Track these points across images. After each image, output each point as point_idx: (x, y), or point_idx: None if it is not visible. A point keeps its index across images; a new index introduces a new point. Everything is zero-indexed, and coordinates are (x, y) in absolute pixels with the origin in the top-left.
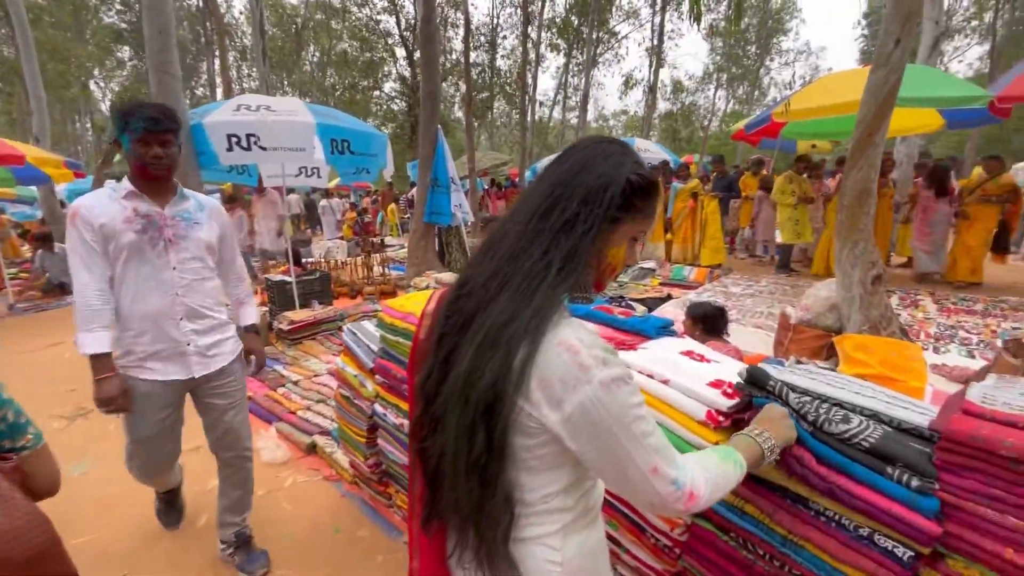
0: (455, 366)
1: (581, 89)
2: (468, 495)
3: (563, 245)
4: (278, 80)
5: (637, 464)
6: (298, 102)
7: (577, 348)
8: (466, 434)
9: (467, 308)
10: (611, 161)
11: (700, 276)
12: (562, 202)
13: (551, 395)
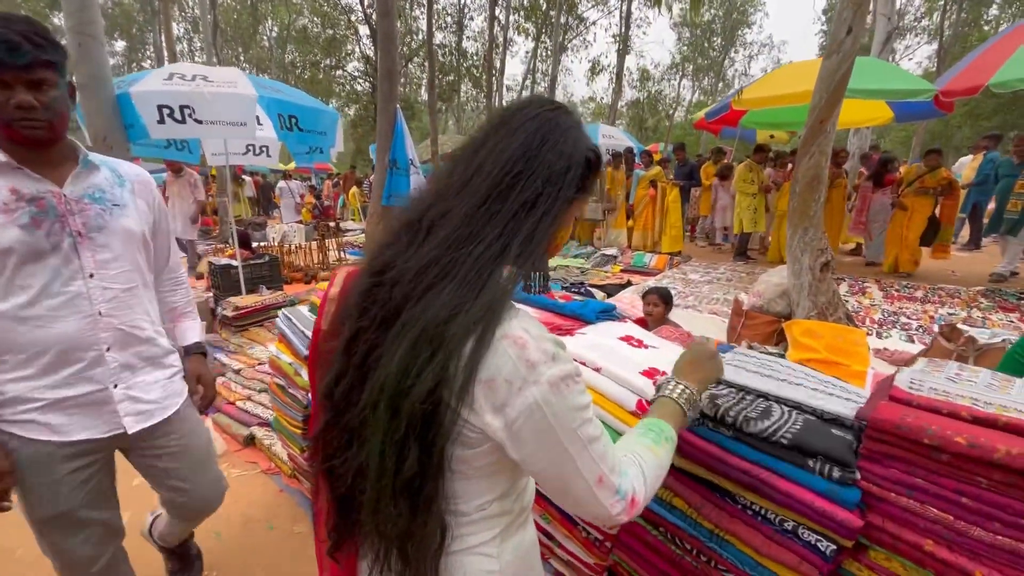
0: (377, 369)
1: (549, 74)
2: (395, 521)
3: (524, 228)
4: (233, 55)
5: (583, 474)
6: (237, 72)
7: (524, 342)
8: (394, 451)
9: (391, 299)
10: (570, 135)
11: (660, 263)
12: (523, 180)
13: (494, 398)
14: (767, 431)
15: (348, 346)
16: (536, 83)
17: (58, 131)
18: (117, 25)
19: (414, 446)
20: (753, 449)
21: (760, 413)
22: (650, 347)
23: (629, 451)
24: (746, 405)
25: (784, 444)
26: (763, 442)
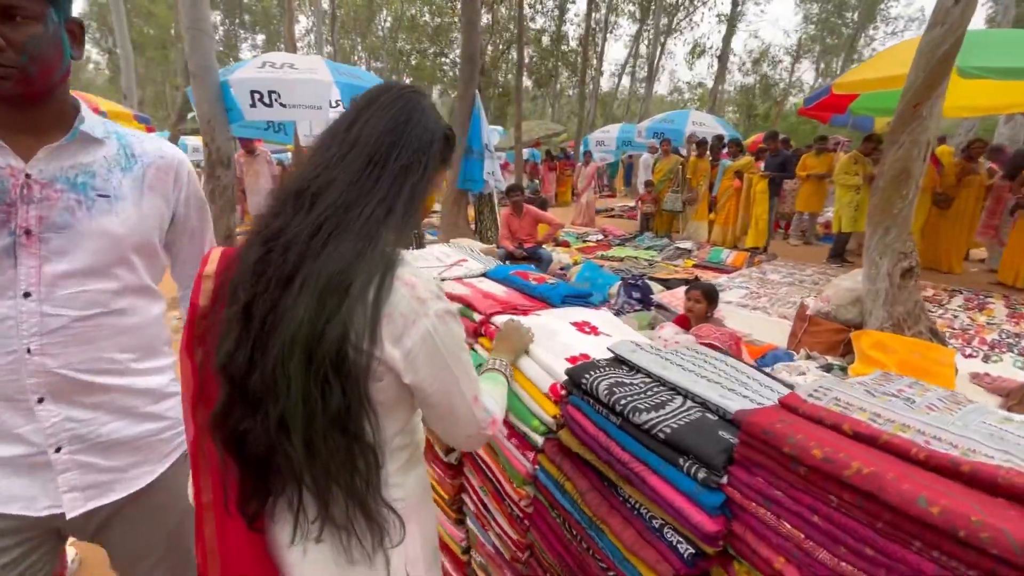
0: (282, 325)
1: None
2: (334, 454)
3: (403, 191)
4: (351, 45)
5: (464, 394)
6: (319, 60)
7: (415, 283)
8: (318, 393)
9: (287, 261)
10: (429, 114)
11: (738, 260)
12: (397, 150)
13: (393, 331)
14: (648, 423)
15: (245, 313)
16: (638, 68)
17: (37, 84)
18: (257, 21)
19: (336, 384)
20: (634, 440)
21: (652, 404)
22: (603, 335)
23: (488, 398)
24: (645, 396)
25: (660, 438)
26: (643, 434)
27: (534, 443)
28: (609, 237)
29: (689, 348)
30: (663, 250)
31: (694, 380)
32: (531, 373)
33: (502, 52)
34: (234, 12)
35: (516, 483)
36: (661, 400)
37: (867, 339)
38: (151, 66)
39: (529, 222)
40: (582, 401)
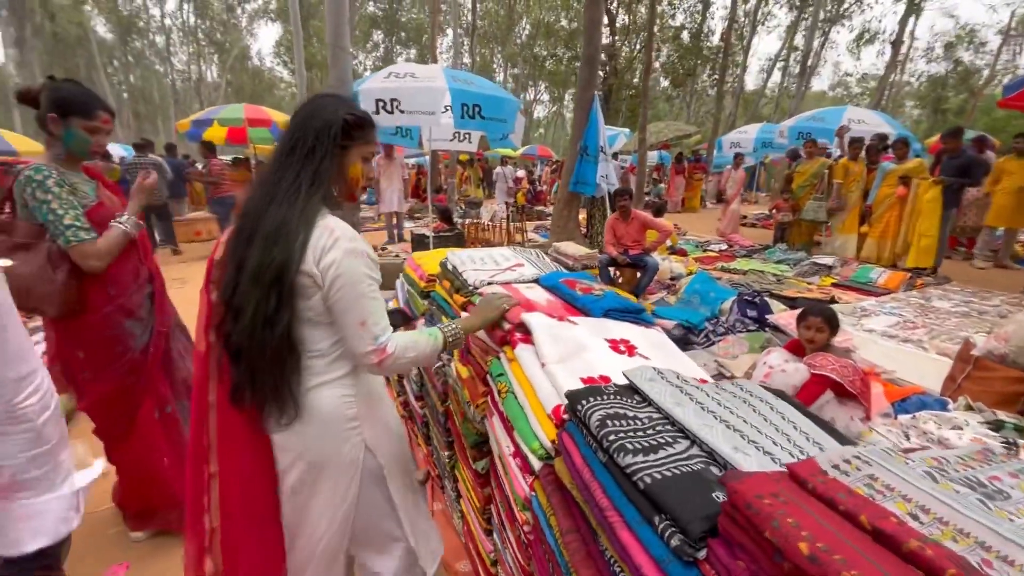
0: (247, 265)
1: (805, 49)
2: (263, 344)
3: (308, 169)
4: (490, 54)
5: (352, 315)
6: (438, 68)
7: (332, 228)
8: (264, 301)
9: (248, 227)
10: (328, 109)
11: (892, 282)
12: (300, 141)
13: (316, 256)
14: (631, 467)
15: (232, 260)
16: (792, 62)
17: None
18: (411, 37)
19: (273, 295)
20: (615, 484)
21: (646, 446)
22: (639, 356)
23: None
24: (643, 435)
25: (640, 488)
26: (626, 479)
27: (532, 467)
28: (735, 248)
29: (736, 385)
30: (797, 265)
31: (709, 424)
32: (541, 391)
33: (636, 53)
34: (392, 30)
35: (518, 505)
36: (660, 442)
37: None
38: (324, 83)
39: (636, 228)
40: (577, 430)
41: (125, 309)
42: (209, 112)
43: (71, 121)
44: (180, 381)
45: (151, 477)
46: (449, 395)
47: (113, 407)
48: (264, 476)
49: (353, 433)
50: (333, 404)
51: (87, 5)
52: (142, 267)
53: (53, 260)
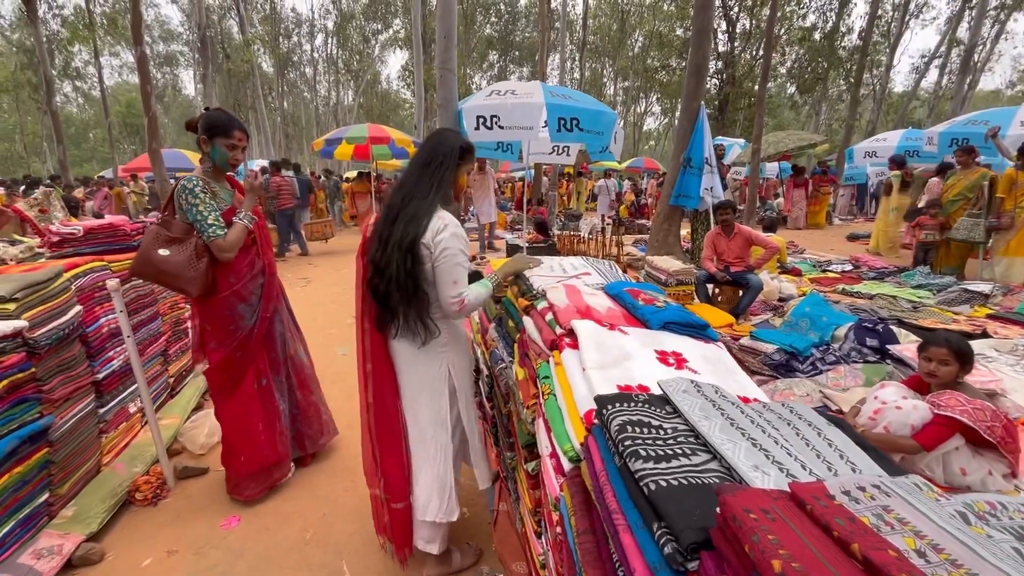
0: (391, 238)
1: (969, 43)
2: (406, 291)
3: (436, 178)
4: (601, 67)
5: (448, 275)
6: (537, 85)
7: (444, 217)
8: (403, 261)
9: (392, 213)
10: (451, 139)
11: None
12: (432, 159)
13: (433, 235)
14: (641, 472)
15: (379, 238)
16: (951, 59)
17: None
18: (524, 57)
19: (408, 258)
20: (624, 488)
21: (662, 454)
22: (688, 369)
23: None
24: (662, 444)
25: (644, 493)
26: (634, 484)
27: (564, 468)
28: (862, 268)
29: (786, 407)
30: (942, 291)
31: (734, 440)
32: (579, 394)
33: (757, 60)
34: (507, 50)
35: (552, 505)
36: (676, 452)
37: None
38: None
39: (740, 243)
40: (600, 433)
41: (239, 295)
42: (338, 132)
43: (215, 140)
44: (279, 359)
45: (246, 437)
46: (510, 397)
47: (224, 373)
48: (396, 401)
49: (443, 355)
50: (434, 333)
51: (255, 45)
52: (258, 260)
53: (198, 251)
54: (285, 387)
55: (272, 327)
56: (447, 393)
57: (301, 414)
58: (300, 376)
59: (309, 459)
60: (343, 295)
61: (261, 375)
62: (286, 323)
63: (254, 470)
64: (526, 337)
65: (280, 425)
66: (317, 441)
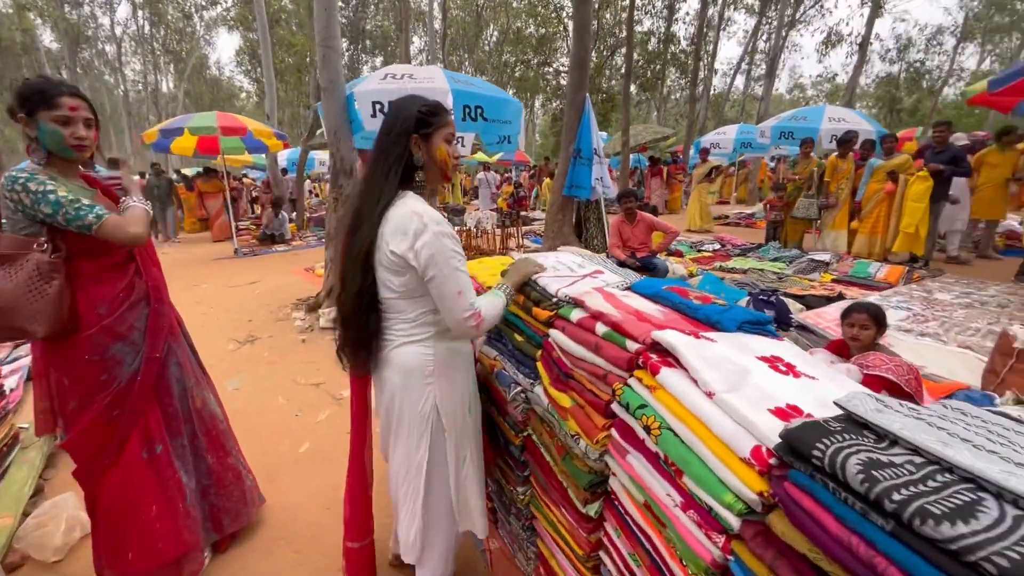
0: (350, 250)
1: (769, 53)
2: (355, 309)
3: (391, 159)
4: (459, 60)
5: (450, 286)
6: (437, 70)
7: (421, 213)
8: (355, 276)
9: (351, 220)
10: (404, 109)
11: (891, 276)
12: (385, 142)
13: (410, 241)
14: (960, 542)
15: (344, 250)
16: (754, 65)
17: None
18: (376, 44)
19: (360, 272)
20: (927, 563)
21: (954, 508)
22: (803, 375)
23: (484, 298)
24: (932, 491)
25: (989, 572)
26: (947, 557)
27: (726, 524)
28: (728, 247)
29: (947, 407)
30: (793, 262)
31: (1009, 470)
32: (720, 427)
33: (607, 58)
34: (358, 38)
35: (692, 569)
36: (966, 501)
37: None
38: (288, 90)
39: (643, 230)
40: (811, 481)
41: (113, 331)
42: (178, 121)
43: (38, 117)
44: (177, 415)
45: (136, 526)
46: (533, 425)
47: (94, 442)
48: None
49: (427, 389)
50: (414, 358)
51: (32, 12)
52: (139, 281)
53: (43, 272)
54: (189, 452)
55: (165, 371)
56: (427, 435)
57: (216, 484)
58: (212, 434)
59: (229, 541)
60: (211, 315)
61: (153, 439)
62: (185, 365)
63: (150, 570)
64: (557, 355)
65: (185, 505)
66: (240, 516)
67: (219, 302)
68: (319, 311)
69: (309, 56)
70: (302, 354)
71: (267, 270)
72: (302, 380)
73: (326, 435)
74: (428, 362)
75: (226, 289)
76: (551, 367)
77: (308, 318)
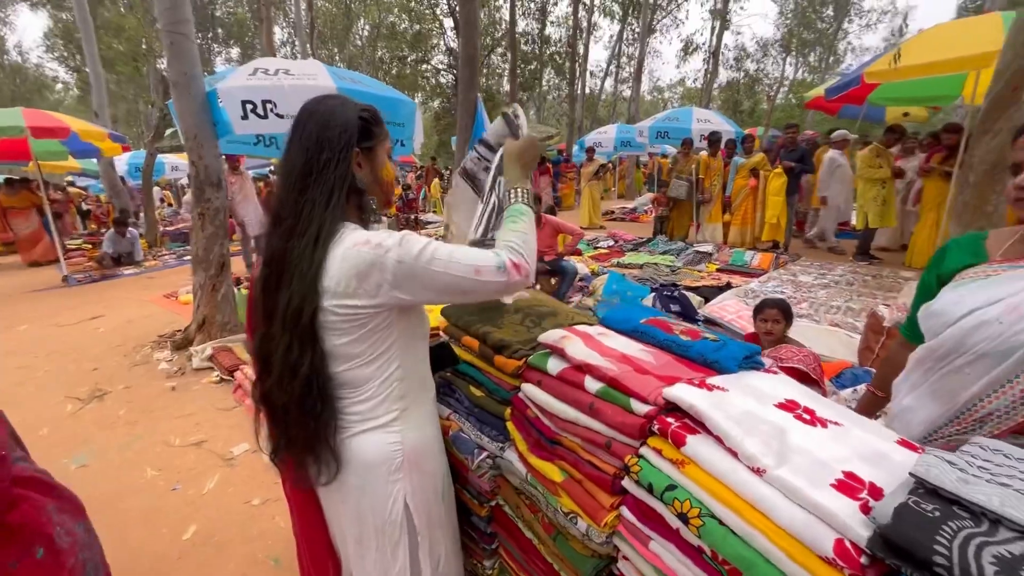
0: (276, 311)
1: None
2: (291, 394)
3: (326, 183)
4: (329, 55)
5: (463, 276)
6: (317, 64)
7: (368, 239)
8: (288, 347)
9: (276, 273)
10: (338, 115)
11: (764, 262)
12: (315, 157)
13: (374, 281)
14: None
15: (263, 315)
16: (620, 68)
17: None
18: (233, 34)
19: (295, 340)
20: None
21: None
22: (829, 423)
23: (501, 237)
24: None
25: None
26: None
27: None
28: (620, 243)
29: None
30: (681, 254)
31: None
32: (787, 517)
33: (484, 57)
34: (206, 25)
35: None
36: None
37: None
38: (122, 82)
39: (548, 233)
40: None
41: None
42: None
43: None
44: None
45: None
46: (505, 496)
47: None
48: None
49: (395, 487)
50: (378, 451)
51: None
52: None
53: None
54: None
55: None
56: (403, 541)
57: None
58: None
59: None
60: (35, 367)
61: None
62: None
63: None
64: (534, 415)
65: None
66: None
67: (47, 348)
68: (191, 348)
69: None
70: (173, 406)
71: (114, 300)
72: (177, 441)
73: (217, 511)
74: (395, 453)
75: (55, 330)
76: (527, 429)
77: (176, 358)
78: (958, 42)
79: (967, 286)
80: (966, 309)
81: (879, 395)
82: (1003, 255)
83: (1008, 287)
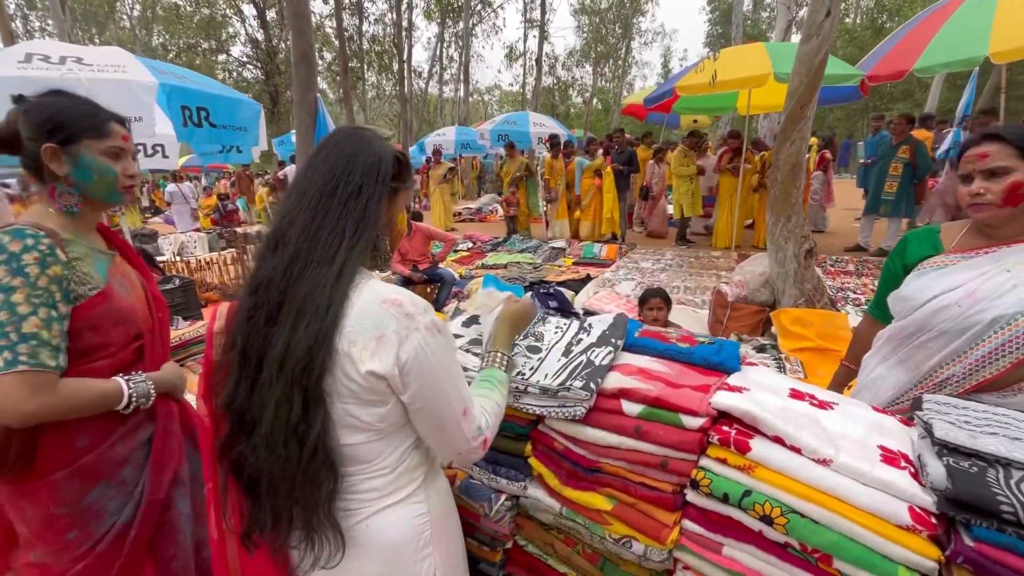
0: (269, 355)
1: (458, 61)
2: (287, 464)
3: (353, 212)
4: (86, 36)
5: (453, 406)
6: (123, 54)
7: (400, 301)
8: (287, 402)
9: (270, 300)
10: (375, 142)
11: (611, 253)
12: (344, 178)
13: (393, 351)
14: None
15: (242, 355)
16: (444, 69)
17: None
18: None
19: (298, 395)
20: None
21: None
22: (831, 404)
23: (477, 399)
24: None
25: None
26: None
27: None
28: (479, 244)
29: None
30: (537, 251)
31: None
32: (865, 498)
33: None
34: None
35: None
36: None
37: (786, 316)
38: None
39: (420, 241)
40: (1002, 536)
41: (93, 471)
42: None
43: (81, 147)
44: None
45: None
46: (527, 534)
47: None
48: None
49: (425, 564)
50: (405, 528)
51: None
52: None
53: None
54: None
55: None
56: None
57: None
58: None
59: None
60: None
61: None
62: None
63: None
64: (562, 446)
65: None
66: None
67: None
68: None
69: None
70: None
71: None
72: None
73: None
74: (423, 526)
75: None
76: (557, 462)
77: None
78: (742, 65)
79: (929, 275)
80: (930, 295)
81: (851, 368)
82: (956, 246)
83: (964, 275)
